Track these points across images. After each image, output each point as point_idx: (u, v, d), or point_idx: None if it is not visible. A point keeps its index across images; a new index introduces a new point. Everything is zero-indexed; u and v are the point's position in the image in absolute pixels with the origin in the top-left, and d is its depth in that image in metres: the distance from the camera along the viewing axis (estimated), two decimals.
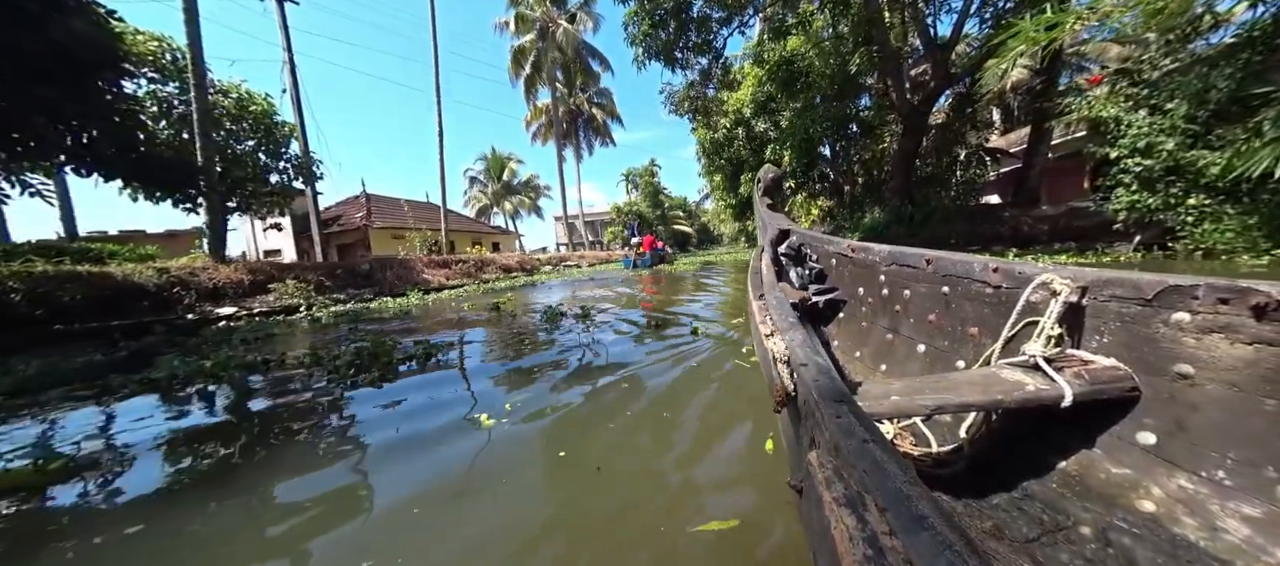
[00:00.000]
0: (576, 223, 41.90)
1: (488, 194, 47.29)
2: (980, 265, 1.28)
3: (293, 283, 8.65)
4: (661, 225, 40.35)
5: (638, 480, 1.63)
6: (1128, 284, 0.93)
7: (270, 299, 8.33)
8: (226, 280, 8.02)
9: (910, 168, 12.25)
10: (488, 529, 1.40)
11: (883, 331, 1.74)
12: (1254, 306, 0.75)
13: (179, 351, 4.55)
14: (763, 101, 18.43)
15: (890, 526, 0.40)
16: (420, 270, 12.81)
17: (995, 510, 0.91)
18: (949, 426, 1.20)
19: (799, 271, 2.36)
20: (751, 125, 18.51)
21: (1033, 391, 0.89)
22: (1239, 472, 0.76)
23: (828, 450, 0.56)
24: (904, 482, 0.45)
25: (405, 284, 11.62)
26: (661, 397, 2.43)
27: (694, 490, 1.54)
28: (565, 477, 1.69)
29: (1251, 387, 0.76)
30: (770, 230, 2.55)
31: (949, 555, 0.37)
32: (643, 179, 42.51)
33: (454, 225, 28.96)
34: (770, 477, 1.55)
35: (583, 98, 38.47)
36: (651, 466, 1.73)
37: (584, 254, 31.45)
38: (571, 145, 40.24)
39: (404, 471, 1.79)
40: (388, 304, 8.88)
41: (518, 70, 32.79)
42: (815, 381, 0.70)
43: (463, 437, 2.06)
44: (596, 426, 2.13)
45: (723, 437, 1.93)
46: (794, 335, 0.94)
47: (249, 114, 10.32)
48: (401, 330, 5.45)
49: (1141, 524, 0.80)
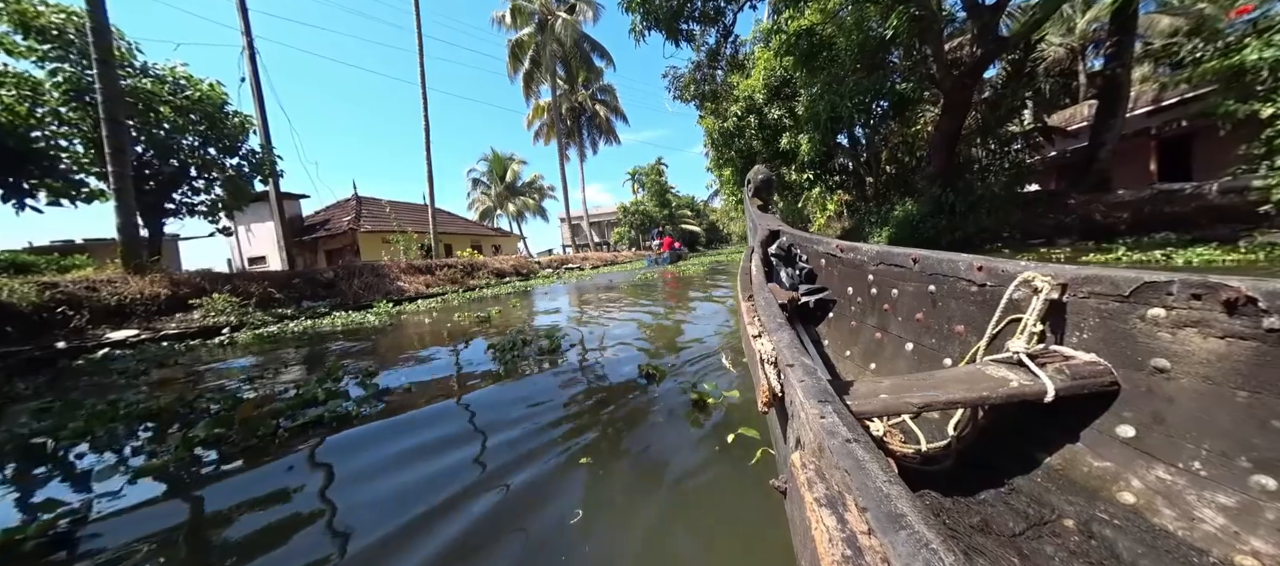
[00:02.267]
0: (581, 224, 40.52)
1: (491, 196, 46.12)
2: (965, 263, 1.27)
3: (222, 297, 7.26)
4: (669, 225, 38.93)
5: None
6: (1106, 281, 0.94)
7: (196, 316, 6.96)
8: (137, 295, 6.67)
9: (952, 150, 10.58)
10: None
11: (872, 330, 1.73)
12: (1225, 301, 0.76)
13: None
14: (776, 86, 16.84)
15: (869, 526, 0.41)
16: (395, 277, 11.42)
17: (982, 505, 0.92)
18: (937, 423, 1.20)
19: (789, 272, 2.33)
20: (764, 113, 16.89)
21: (1016, 387, 0.89)
22: (1213, 463, 0.77)
23: (811, 450, 0.58)
24: (885, 481, 0.46)
25: (374, 294, 10.22)
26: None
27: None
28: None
29: (1224, 380, 0.78)
30: (760, 231, 2.56)
31: (925, 553, 0.37)
32: (649, 178, 41.13)
33: (451, 228, 27.72)
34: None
35: (585, 94, 37.05)
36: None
37: (588, 255, 30.03)
38: (574, 144, 38.84)
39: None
40: (341, 320, 7.48)
41: (516, 65, 31.46)
42: (801, 382, 0.71)
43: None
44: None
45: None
46: (781, 336, 0.95)
47: (188, 100, 8.98)
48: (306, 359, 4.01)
49: (1122, 515, 0.82)
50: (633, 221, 38.86)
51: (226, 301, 7.20)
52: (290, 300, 8.83)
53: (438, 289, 11.87)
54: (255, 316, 7.35)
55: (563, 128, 35.80)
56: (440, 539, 1.29)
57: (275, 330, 6.75)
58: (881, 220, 13.76)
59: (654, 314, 5.55)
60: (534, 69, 31.34)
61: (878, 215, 14.13)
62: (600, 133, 38.78)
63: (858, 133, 16.92)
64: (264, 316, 7.56)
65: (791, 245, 2.43)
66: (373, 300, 9.80)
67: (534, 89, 32.91)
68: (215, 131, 9.59)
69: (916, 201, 12.85)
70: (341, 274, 10.37)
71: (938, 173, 10.65)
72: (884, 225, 13.36)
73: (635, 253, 37.27)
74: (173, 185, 9.27)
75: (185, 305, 7.01)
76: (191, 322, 6.70)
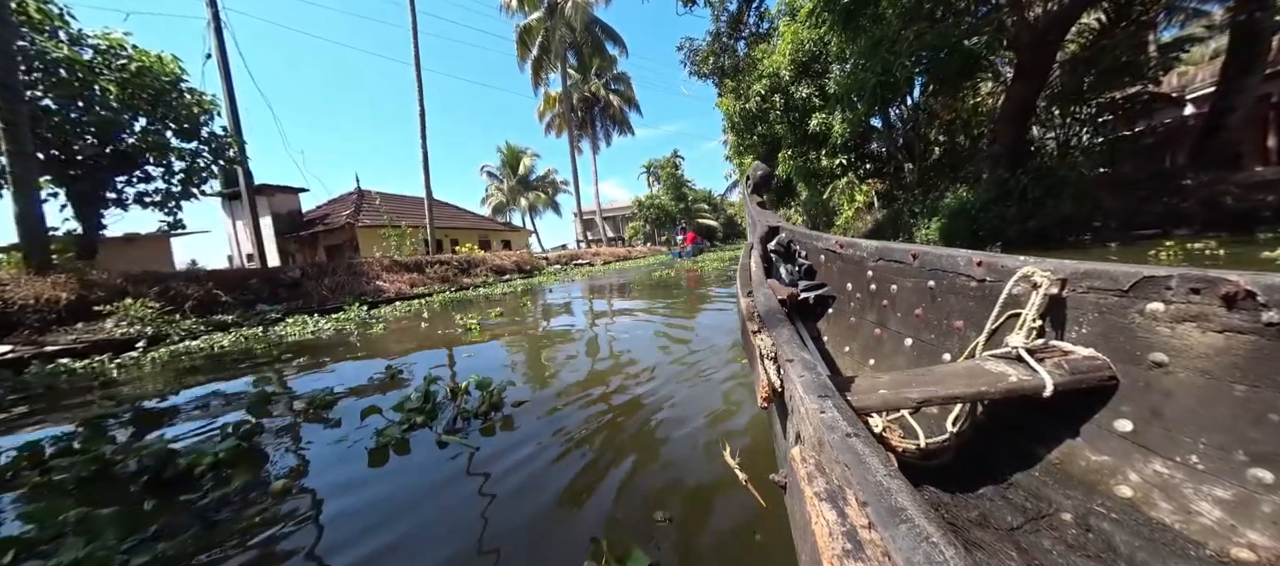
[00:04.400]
0: (594, 218, 39.13)
1: (504, 190, 45.07)
2: (965, 259, 1.26)
3: (141, 302, 6.02)
4: (685, 219, 37.33)
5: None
6: (1105, 275, 0.94)
7: (108, 326, 5.74)
8: (30, 300, 5.46)
9: (1025, 123, 8.81)
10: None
11: (871, 326, 1.72)
12: (1224, 296, 0.76)
13: None
14: (805, 61, 15.09)
15: (869, 519, 0.41)
16: (373, 276, 10.16)
17: (981, 499, 0.92)
18: (936, 419, 1.19)
19: (788, 268, 2.32)
20: (790, 92, 15.16)
21: (1015, 382, 0.89)
22: (1211, 457, 0.77)
23: (811, 445, 0.57)
24: (885, 475, 0.46)
25: (345, 295, 8.96)
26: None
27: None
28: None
29: (1222, 374, 0.77)
30: (760, 227, 2.54)
31: (926, 546, 0.37)
32: (664, 171, 39.51)
33: (458, 222, 26.60)
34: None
35: (598, 83, 35.49)
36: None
37: (600, 250, 28.65)
38: (587, 136, 37.36)
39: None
40: (296, 328, 6.23)
41: (525, 53, 30.11)
42: (800, 377, 0.71)
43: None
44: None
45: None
46: (781, 331, 0.95)
47: (127, 73, 7.79)
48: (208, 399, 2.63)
49: (1120, 509, 0.82)
50: (648, 215, 37.30)
51: (145, 308, 5.95)
52: (242, 303, 7.59)
53: (423, 289, 10.58)
54: (183, 326, 6.10)
55: (574, 119, 34.35)
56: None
57: (201, 343, 5.49)
58: (928, 210, 11.95)
59: (676, 328, 4.07)
60: (543, 56, 29.95)
61: (923, 204, 12.32)
62: (614, 123, 37.20)
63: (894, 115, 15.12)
64: (197, 325, 6.31)
65: (791, 241, 2.40)
66: (343, 302, 8.54)
67: (543, 77, 31.53)
68: (163, 110, 8.39)
69: (971, 188, 11.06)
70: (310, 272, 9.13)
71: (1005, 151, 8.88)
72: (932, 216, 11.55)
73: (650, 248, 36.01)
74: (114, 171, 8.09)
75: (93, 313, 5.79)
76: (98, 334, 5.47)
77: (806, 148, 16.04)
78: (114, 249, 16.81)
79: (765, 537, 1.15)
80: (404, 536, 1.27)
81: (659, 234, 39.13)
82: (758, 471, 1.41)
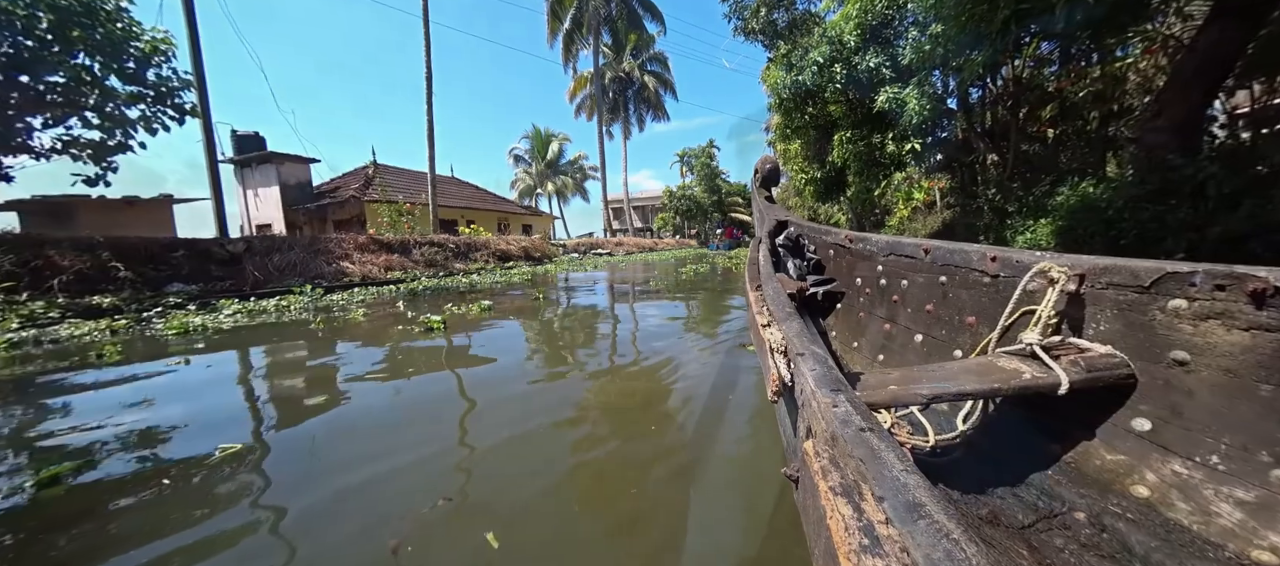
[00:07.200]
0: (622, 207, 37.16)
1: (532, 174, 43.68)
2: (978, 254, 1.24)
3: None
4: (718, 212, 34.95)
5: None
6: (1125, 271, 0.91)
7: None
8: None
9: (1215, 89, 6.26)
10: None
11: (880, 322, 1.69)
12: (1252, 293, 0.74)
13: None
14: (875, 26, 12.58)
15: (887, 515, 0.40)
16: (340, 255, 8.50)
17: (992, 497, 0.91)
18: (946, 415, 1.19)
19: (796, 262, 2.25)
20: (853, 62, 12.67)
21: (1029, 379, 0.87)
22: (1233, 457, 0.75)
23: (824, 439, 0.55)
24: (901, 471, 0.45)
25: (296, 276, 7.32)
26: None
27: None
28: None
29: (1247, 373, 0.75)
30: (768, 221, 2.47)
31: (946, 543, 0.36)
32: (699, 160, 37.10)
33: (476, 203, 25.17)
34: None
35: (633, 63, 33.25)
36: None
37: (623, 240, 26.76)
38: (618, 119, 35.29)
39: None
40: (198, 319, 4.64)
41: (556, 27, 28.20)
42: (812, 370, 0.69)
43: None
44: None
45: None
46: (791, 325, 0.92)
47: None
48: None
49: (1136, 509, 0.80)
50: (678, 206, 35.02)
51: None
52: (149, 282, 6.00)
53: (398, 273, 8.86)
54: (23, 309, 4.49)
55: (605, 101, 32.35)
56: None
57: (31, 335, 3.85)
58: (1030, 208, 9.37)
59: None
60: (575, 30, 27.98)
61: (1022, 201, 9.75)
62: (649, 108, 34.96)
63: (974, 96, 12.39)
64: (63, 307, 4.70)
65: (799, 236, 2.31)
66: (290, 284, 6.89)
67: (573, 54, 29.55)
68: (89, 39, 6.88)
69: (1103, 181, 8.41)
70: (258, 247, 7.53)
71: (1174, 127, 6.34)
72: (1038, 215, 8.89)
73: (678, 240, 33.96)
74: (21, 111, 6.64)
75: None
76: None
77: (869, 130, 13.54)
78: (108, 212, 15.97)
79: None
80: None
81: (688, 227, 36.90)
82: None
